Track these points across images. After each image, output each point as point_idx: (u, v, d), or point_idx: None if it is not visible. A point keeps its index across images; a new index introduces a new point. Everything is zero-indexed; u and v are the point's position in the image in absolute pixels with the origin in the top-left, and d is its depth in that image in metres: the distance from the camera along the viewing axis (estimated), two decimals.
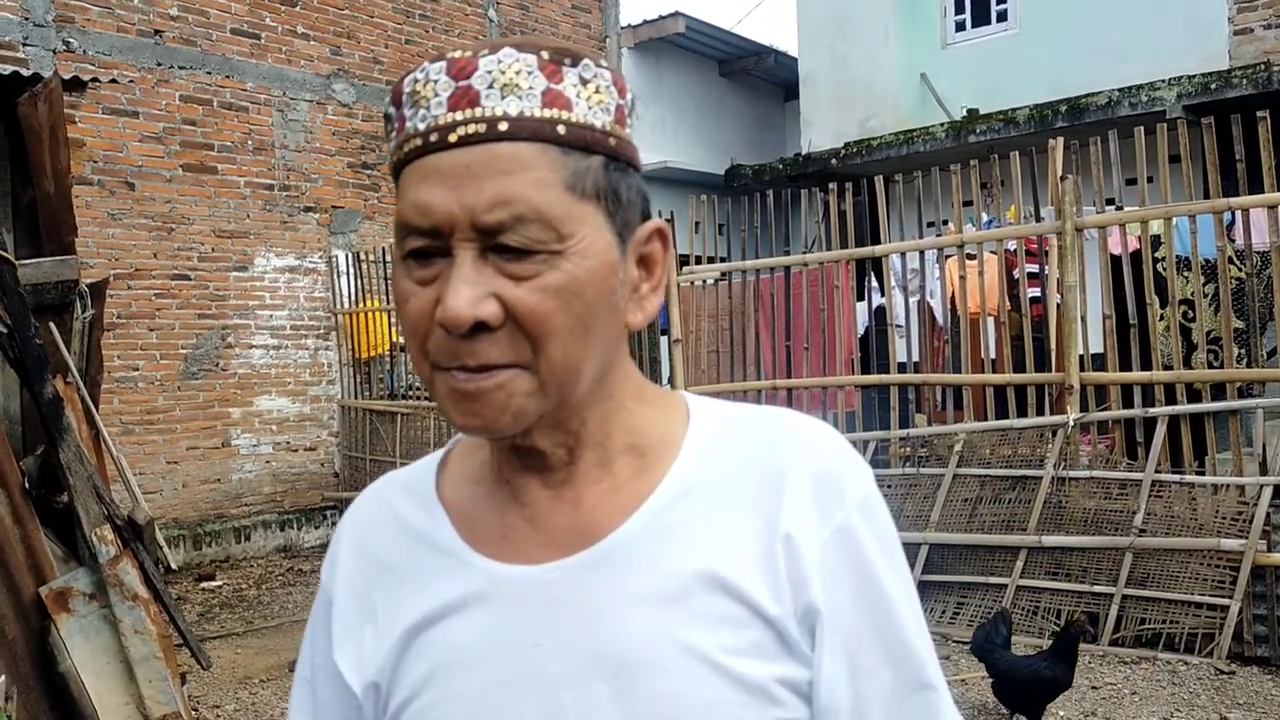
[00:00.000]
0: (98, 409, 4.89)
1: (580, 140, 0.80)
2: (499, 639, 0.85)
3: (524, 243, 0.78)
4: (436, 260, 0.80)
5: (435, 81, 0.81)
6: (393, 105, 0.84)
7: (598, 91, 0.82)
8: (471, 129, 0.79)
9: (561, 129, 0.79)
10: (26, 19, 8.22)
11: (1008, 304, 6.89)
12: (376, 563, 0.94)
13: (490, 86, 0.79)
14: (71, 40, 8.47)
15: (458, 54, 0.81)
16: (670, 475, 0.87)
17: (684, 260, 8.40)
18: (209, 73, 9.32)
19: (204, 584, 8.32)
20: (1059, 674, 4.47)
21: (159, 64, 9.00)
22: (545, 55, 0.81)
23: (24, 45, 8.20)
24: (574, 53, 0.82)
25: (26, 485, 3.96)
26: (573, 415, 0.85)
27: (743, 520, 0.85)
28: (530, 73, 0.80)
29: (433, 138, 0.80)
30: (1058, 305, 6.58)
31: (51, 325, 4.57)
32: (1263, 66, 9.02)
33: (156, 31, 8.99)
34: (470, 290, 0.77)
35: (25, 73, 5.12)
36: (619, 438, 0.88)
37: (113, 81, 8.69)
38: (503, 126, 0.78)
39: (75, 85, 8.34)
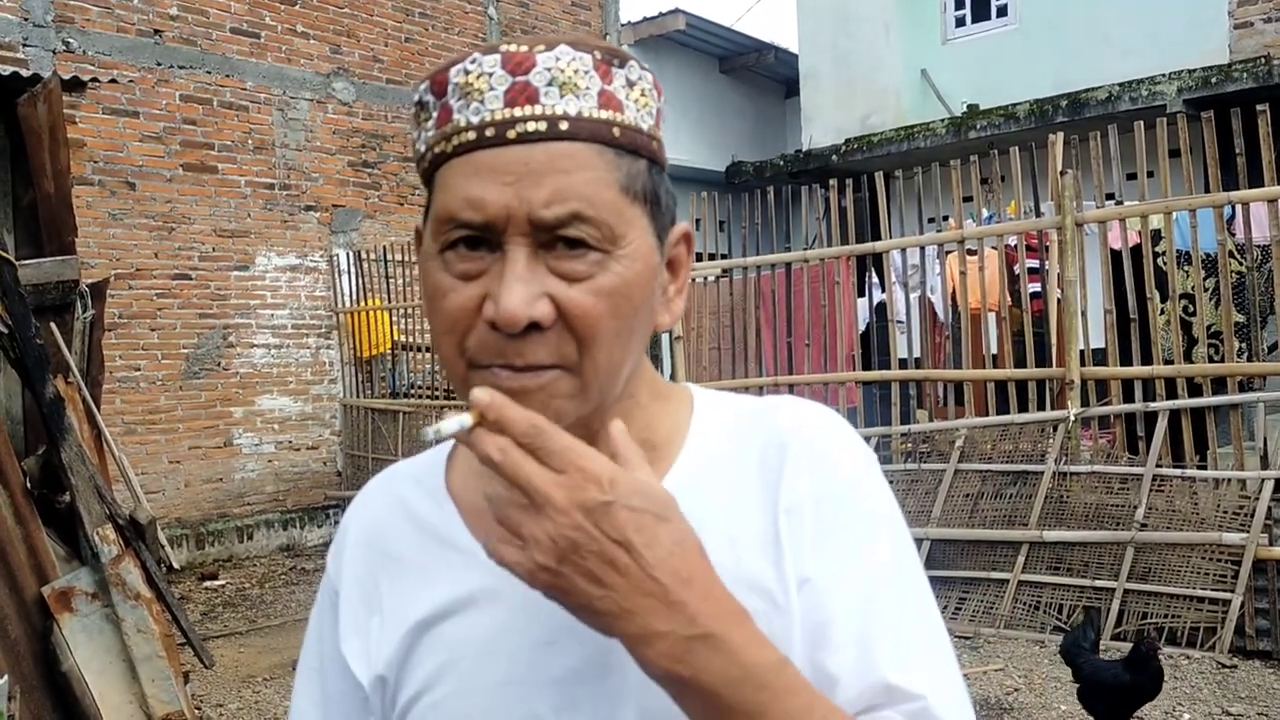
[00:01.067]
0: (99, 409, 4.89)
1: (632, 143, 0.81)
2: (512, 635, 0.85)
3: (583, 236, 0.77)
4: (481, 254, 0.79)
5: (490, 74, 0.79)
6: (432, 94, 0.82)
7: (643, 94, 0.83)
8: (532, 126, 0.78)
9: (617, 131, 0.80)
10: (26, 19, 8.22)
11: (1008, 299, 6.89)
12: (385, 555, 0.93)
13: (550, 84, 0.78)
14: (71, 40, 8.47)
15: (512, 48, 0.80)
16: (677, 466, 0.88)
17: None
18: (209, 72, 9.32)
19: (207, 583, 8.33)
20: (1141, 680, 4.29)
21: (159, 64, 9.00)
22: (598, 55, 0.80)
23: (24, 46, 8.20)
24: (621, 54, 0.82)
25: (28, 485, 3.97)
26: (595, 415, 0.85)
27: (750, 505, 0.86)
28: (587, 72, 0.80)
29: (488, 133, 0.78)
30: (1058, 300, 6.58)
31: (52, 325, 4.57)
32: (1263, 60, 9.01)
33: (156, 31, 8.99)
34: (525, 289, 0.76)
35: (25, 73, 5.12)
36: (634, 434, 0.87)
37: (112, 81, 8.69)
38: (563, 126, 0.78)
39: (75, 85, 8.33)
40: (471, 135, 0.79)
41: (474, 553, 0.87)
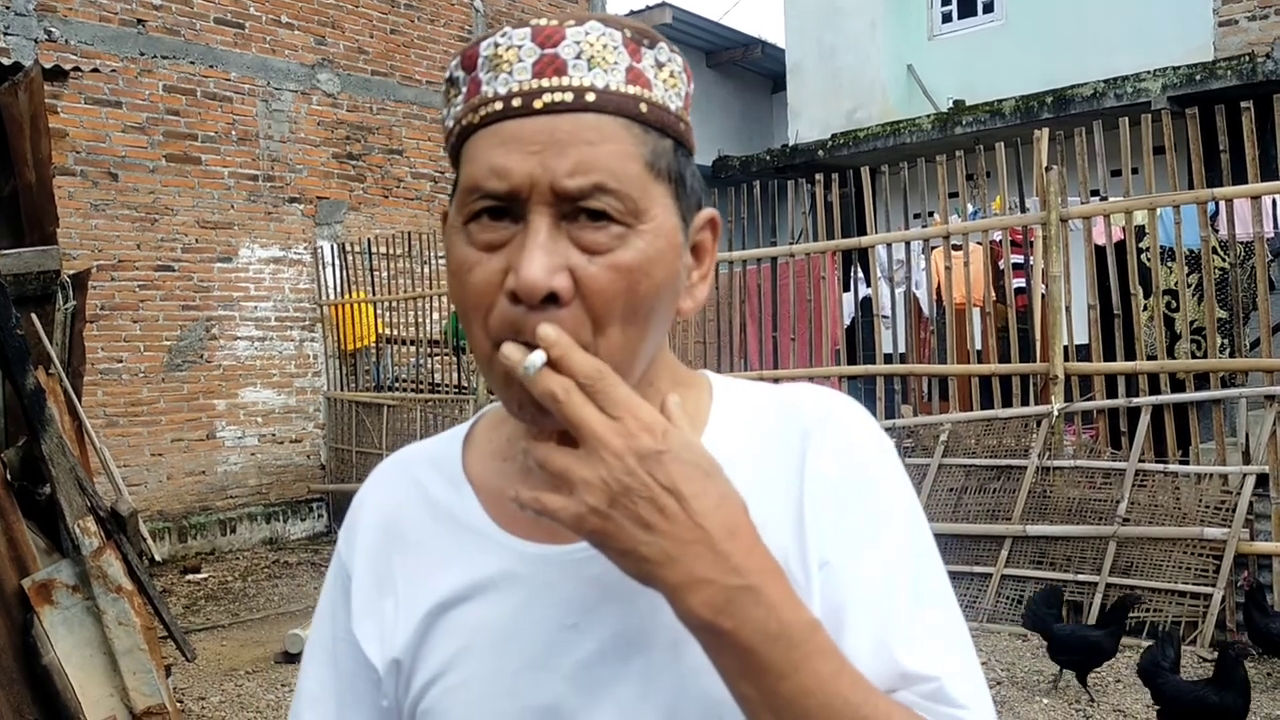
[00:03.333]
0: (80, 400, 4.86)
1: (659, 120, 0.80)
2: (532, 618, 0.84)
3: (606, 207, 0.77)
4: (505, 224, 0.78)
5: (519, 47, 0.79)
6: (462, 69, 0.82)
7: (672, 76, 0.82)
8: (558, 97, 0.78)
9: (644, 106, 0.79)
10: (7, 8, 8.15)
11: (993, 294, 6.91)
12: (399, 538, 0.93)
13: (578, 57, 0.78)
14: (53, 29, 8.40)
15: (543, 22, 0.80)
16: None
17: None
18: (192, 62, 9.26)
19: (189, 576, 8.30)
20: (1228, 701, 4.05)
21: (142, 54, 8.94)
22: (628, 33, 0.81)
23: (5, 34, 8.13)
24: (652, 35, 0.82)
25: (8, 477, 3.94)
26: None
27: (774, 489, 0.85)
28: (616, 48, 0.80)
29: (515, 103, 0.78)
30: (1042, 296, 6.60)
31: (33, 316, 4.54)
32: (1247, 58, 9.05)
33: (139, 21, 8.93)
34: (547, 258, 0.76)
35: (6, 62, 5.08)
36: None
37: (95, 71, 8.63)
38: (590, 97, 0.78)
39: (57, 75, 8.28)
40: (499, 105, 0.79)
41: (492, 536, 0.88)
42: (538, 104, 0.77)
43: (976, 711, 0.81)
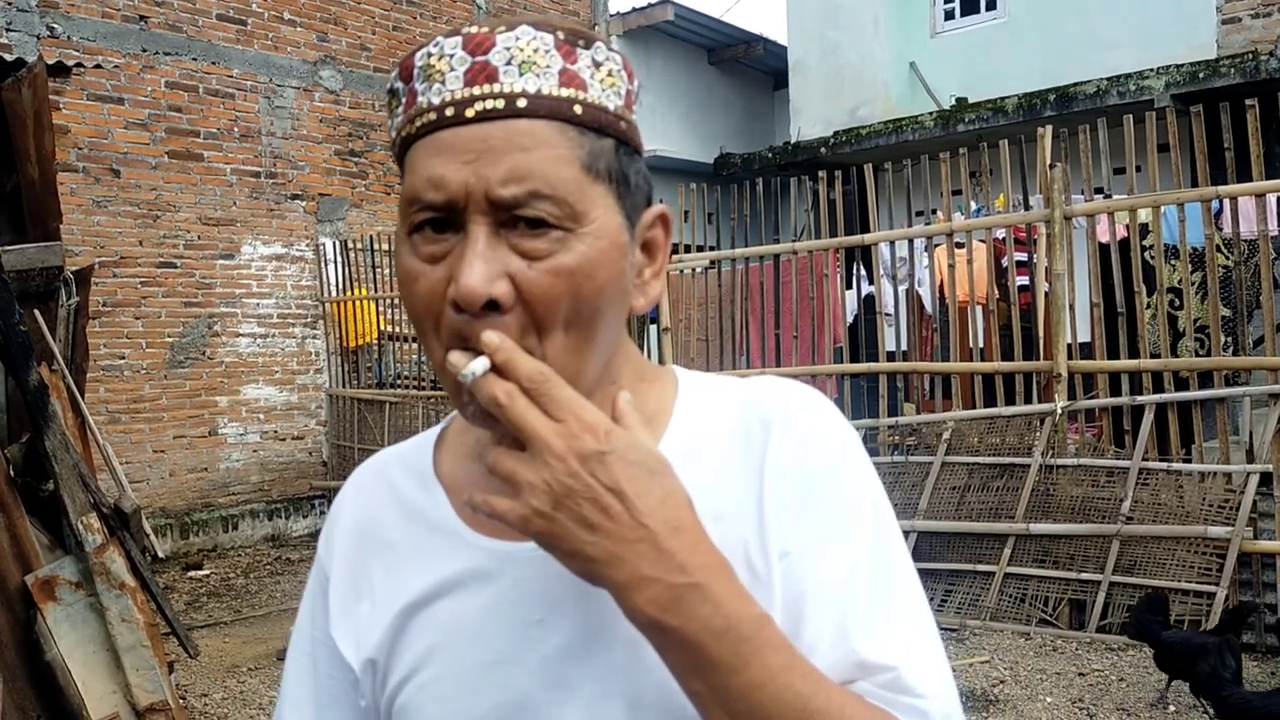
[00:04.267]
0: (83, 397, 4.86)
1: (595, 121, 0.80)
2: (500, 615, 0.85)
3: (541, 215, 0.77)
4: (447, 236, 0.79)
5: (450, 56, 0.80)
6: (400, 80, 0.83)
7: (610, 75, 0.82)
8: (490, 104, 0.78)
9: (578, 108, 0.79)
10: (10, 4, 8.14)
11: (996, 292, 6.90)
12: (374, 540, 0.94)
13: (509, 63, 0.78)
14: (56, 26, 8.40)
15: (473, 29, 0.80)
16: (663, 444, 0.87)
17: (673, 249, 8.35)
18: (195, 59, 9.25)
19: (191, 573, 8.30)
20: None
21: (144, 50, 8.93)
22: (561, 35, 0.80)
23: (7, 30, 8.13)
24: (587, 35, 0.82)
25: (11, 473, 3.94)
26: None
27: (734, 481, 0.86)
28: (548, 51, 0.79)
29: (448, 112, 0.78)
30: (1046, 293, 6.59)
31: (36, 312, 4.54)
32: (1250, 55, 9.03)
33: (141, 17, 8.92)
34: (485, 266, 0.76)
35: (9, 58, 5.08)
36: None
37: (97, 67, 8.62)
38: (521, 103, 0.78)
39: (59, 71, 8.26)
40: (433, 115, 0.79)
41: (462, 536, 0.89)
42: (469, 113, 0.78)
43: (936, 700, 0.81)
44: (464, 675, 0.85)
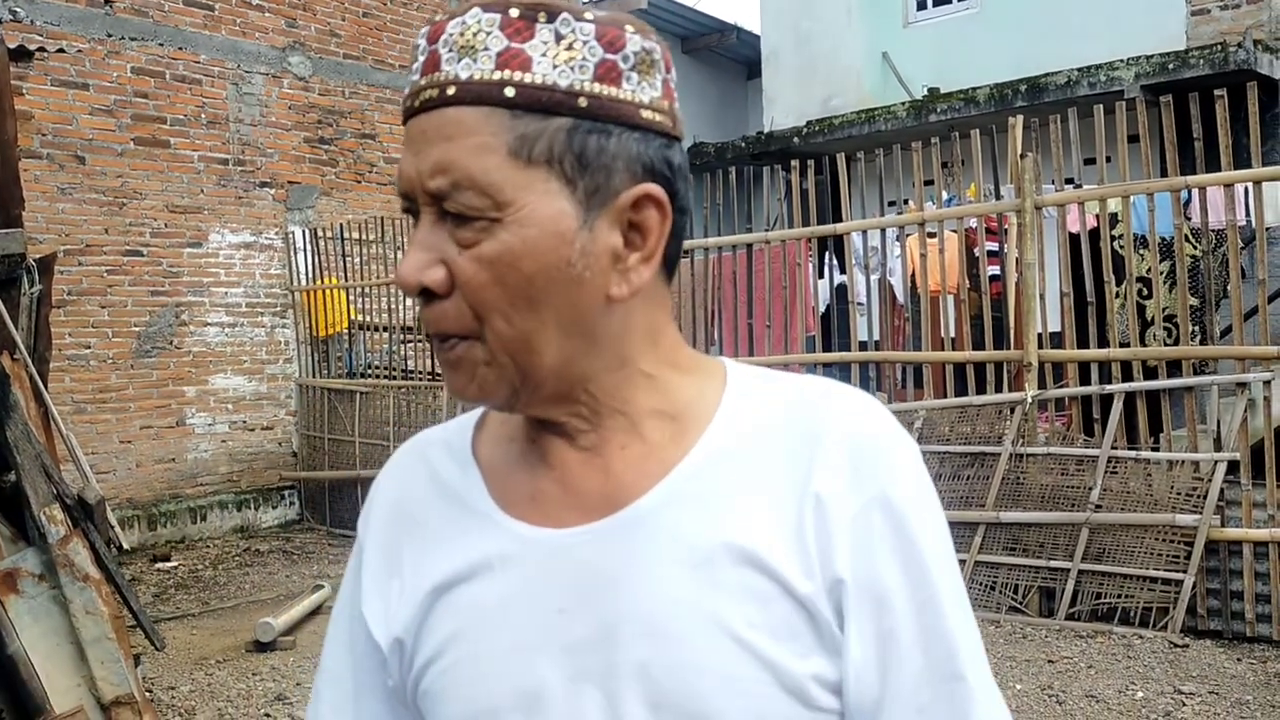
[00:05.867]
0: (47, 387, 4.79)
1: (534, 102, 0.77)
2: (523, 601, 0.84)
3: (461, 209, 0.77)
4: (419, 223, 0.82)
5: (418, 46, 0.81)
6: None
7: (570, 49, 0.78)
8: (429, 94, 0.79)
9: (510, 91, 0.77)
10: None
11: (967, 282, 6.92)
12: (409, 519, 0.93)
13: (450, 50, 0.78)
14: (18, 9, 8.26)
15: (439, 17, 0.81)
16: (702, 442, 0.85)
17: None
18: (161, 44, 9.13)
19: (159, 565, 8.22)
20: None
21: (109, 35, 8.81)
22: (514, 13, 0.78)
23: None
24: (552, 8, 0.78)
25: None
26: (574, 386, 0.83)
27: (775, 488, 0.82)
28: (489, 33, 0.77)
29: (408, 103, 0.81)
30: (1016, 283, 6.62)
31: None
32: (1219, 47, 9.10)
33: (107, 1, 8.79)
34: (420, 255, 0.79)
35: None
36: (642, 403, 0.85)
37: (60, 52, 8.49)
38: (450, 91, 0.78)
39: (22, 55, 8.14)
40: (405, 104, 0.82)
41: (493, 518, 0.88)
42: (417, 103, 0.80)
43: None
44: (484, 660, 0.85)
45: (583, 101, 0.78)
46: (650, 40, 0.82)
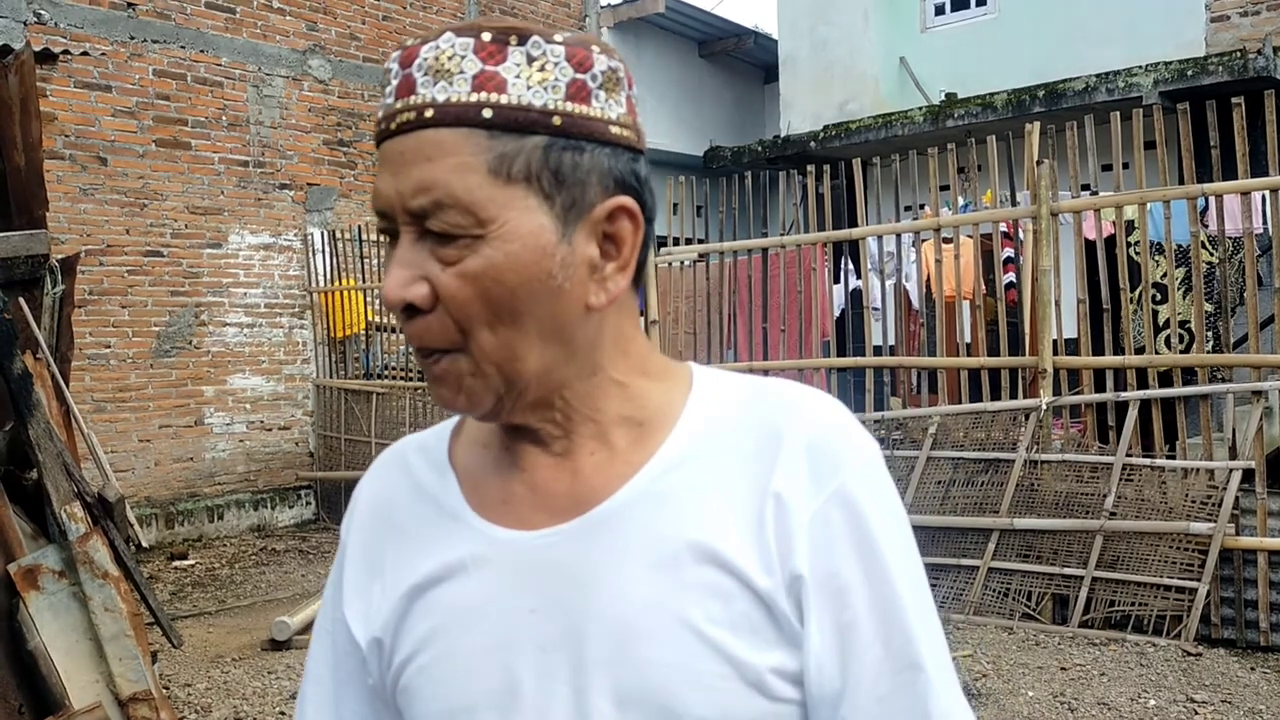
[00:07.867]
0: (68, 386, 4.84)
1: (511, 122, 0.80)
2: (495, 601, 0.87)
3: (444, 228, 0.80)
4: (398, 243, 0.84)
5: (390, 70, 0.83)
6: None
7: (542, 70, 0.81)
8: (406, 116, 0.81)
9: (488, 112, 0.80)
10: None
11: (983, 288, 6.92)
12: (388, 522, 0.96)
13: (425, 74, 0.81)
14: (43, 12, 8.34)
15: (411, 42, 0.83)
16: (667, 445, 0.88)
17: (662, 241, 8.39)
18: (183, 47, 9.20)
19: (176, 563, 8.28)
20: None
21: (132, 37, 8.89)
22: (486, 37, 0.81)
23: None
24: (523, 31, 0.81)
25: None
26: (551, 393, 0.86)
27: (737, 488, 0.85)
28: (464, 57, 0.80)
29: (383, 125, 0.83)
30: (1032, 289, 6.61)
31: (21, 300, 4.51)
32: (1238, 54, 9.06)
33: (129, 4, 8.87)
34: (402, 272, 0.81)
35: None
36: (613, 410, 0.89)
37: (84, 55, 8.58)
38: (429, 113, 0.80)
39: (46, 58, 8.23)
40: (379, 127, 0.84)
41: (467, 520, 0.91)
42: (393, 125, 0.82)
43: None
44: (458, 658, 0.87)
45: (557, 120, 0.81)
46: (615, 60, 0.85)
